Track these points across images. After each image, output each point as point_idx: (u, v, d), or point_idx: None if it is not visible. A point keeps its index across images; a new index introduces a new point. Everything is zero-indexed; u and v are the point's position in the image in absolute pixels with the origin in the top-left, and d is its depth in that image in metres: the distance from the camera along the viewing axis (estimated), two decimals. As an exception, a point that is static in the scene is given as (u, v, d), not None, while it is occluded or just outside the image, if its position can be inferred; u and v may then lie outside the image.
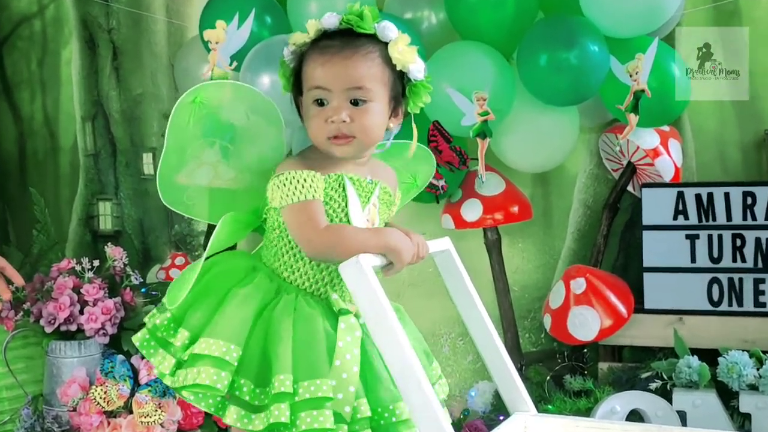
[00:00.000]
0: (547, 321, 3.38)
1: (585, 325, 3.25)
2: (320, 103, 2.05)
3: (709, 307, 3.23)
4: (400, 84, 2.13)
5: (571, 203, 3.72)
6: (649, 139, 3.32)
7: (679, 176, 3.39)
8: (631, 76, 3.14)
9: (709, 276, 3.24)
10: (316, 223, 2.01)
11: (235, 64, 3.22)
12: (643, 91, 3.13)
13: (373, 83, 2.05)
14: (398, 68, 2.09)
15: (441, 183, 3.31)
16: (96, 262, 3.39)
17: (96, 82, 4.25)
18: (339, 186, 2.08)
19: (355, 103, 2.05)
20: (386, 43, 2.08)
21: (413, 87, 2.13)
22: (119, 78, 4.22)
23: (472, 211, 3.40)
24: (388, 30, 2.08)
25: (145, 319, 2.12)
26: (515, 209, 3.43)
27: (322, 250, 2.01)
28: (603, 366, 3.35)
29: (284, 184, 2.03)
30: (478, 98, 3.14)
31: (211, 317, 2.01)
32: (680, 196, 3.29)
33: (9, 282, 2.63)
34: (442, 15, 3.40)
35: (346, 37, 2.06)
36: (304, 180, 2.02)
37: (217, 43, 3.17)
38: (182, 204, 2.12)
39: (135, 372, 3.22)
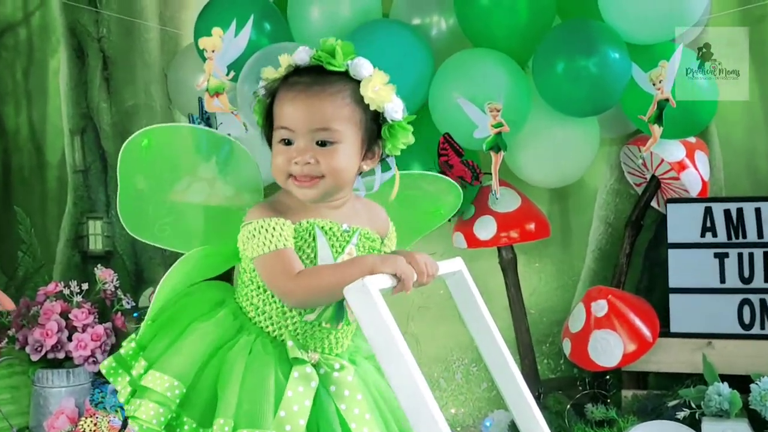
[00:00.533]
0: (567, 346, 3.37)
1: (607, 350, 3.24)
2: (286, 142, 2.06)
3: (740, 331, 3.22)
4: (375, 124, 2.11)
5: (591, 220, 3.72)
6: (674, 151, 3.31)
7: (706, 190, 3.39)
8: (654, 84, 3.13)
9: (739, 297, 3.24)
10: (290, 271, 2.01)
11: (232, 74, 3.21)
12: (667, 100, 3.12)
13: (341, 123, 2.04)
14: (372, 108, 2.07)
15: (452, 199, 3.31)
16: (85, 285, 3.40)
17: (85, 93, 4.26)
18: (309, 235, 2.07)
19: (321, 144, 2.04)
20: (359, 81, 2.07)
21: (390, 128, 2.12)
22: (110, 89, 4.23)
23: (485, 228, 3.39)
24: (361, 67, 2.06)
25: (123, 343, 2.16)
26: (532, 227, 3.42)
27: (303, 298, 2.02)
28: (627, 394, 3.34)
29: (254, 235, 2.03)
30: (491, 109, 3.14)
31: (167, 349, 2.05)
32: (708, 211, 3.28)
33: None
34: (452, 21, 3.40)
35: (316, 74, 2.06)
36: (273, 228, 2.02)
37: (213, 51, 3.17)
38: (153, 235, 2.14)
39: (127, 402, 3.21)
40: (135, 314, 3.52)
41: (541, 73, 3.22)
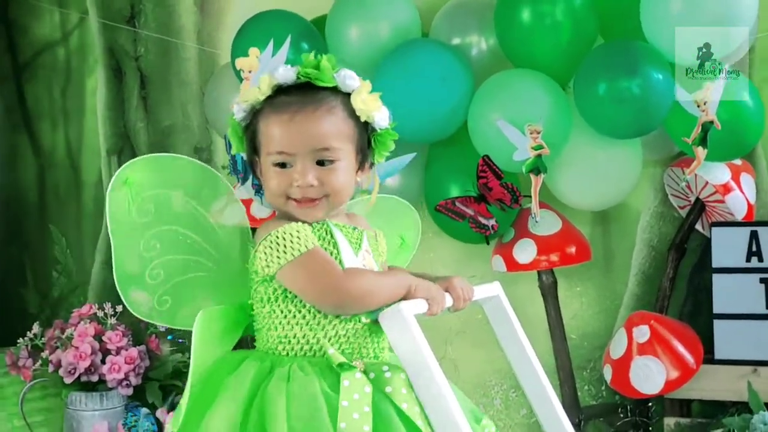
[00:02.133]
0: (608, 372, 3.34)
1: (649, 377, 3.21)
2: (282, 165, 2.01)
3: (787, 358, 3.19)
4: (365, 134, 2.09)
5: (634, 243, 3.69)
6: (719, 173, 3.29)
7: (752, 214, 3.36)
8: (698, 106, 3.11)
9: (786, 324, 3.21)
10: (333, 268, 1.96)
11: (269, 94, 3.22)
12: (711, 122, 3.10)
13: (339, 141, 2.01)
14: (362, 119, 2.05)
15: (491, 222, 3.30)
16: (119, 308, 3.40)
17: (122, 113, 4.28)
18: (327, 233, 2.03)
19: (321, 163, 2.01)
20: (348, 94, 2.04)
21: (378, 136, 2.10)
22: (147, 109, 4.25)
23: (525, 252, 3.38)
24: (349, 79, 2.04)
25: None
26: (572, 250, 3.41)
27: (345, 298, 1.96)
28: (669, 422, 3.31)
29: (277, 243, 1.97)
30: (531, 131, 3.13)
31: (202, 421, 1.94)
32: (754, 235, 3.25)
33: None
34: (492, 41, 3.40)
35: (304, 92, 2.02)
36: (297, 231, 1.98)
37: (250, 72, 3.18)
38: (153, 310, 2.07)
39: (160, 426, 3.23)
40: (169, 337, 3.53)
41: (583, 95, 3.21)
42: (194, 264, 2.10)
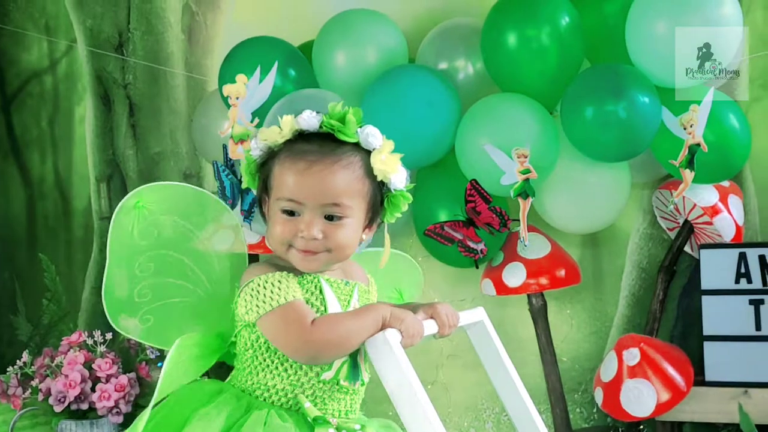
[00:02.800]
0: (599, 395, 3.34)
1: (640, 399, 3.21)
2: (290, 213, 1.99)
3: (777, 379, 3.19)
4: (380, 193, 2.07)
5: (624, 266, 3.70)
6: (707, 195, 3.30)
7: (740, 236, 3.36)
8: (685, 128, 3.13)
9: (776, 345, 3.21)
10: (304, 320, 1.92)
11: (257, 120, 3.24)
12: (698, 145, 3.11)
13: (351, 198, 1.99)
14: (379, 179, 2.03)
15: (480, 246, 3.30)
16: (109, 335, 3.40)
17: (111, 140, 4.29)
18: (315, 288, 2.01)
19: (329, 217, 1.98)
20: (368, 151, 2.02)
21: (392, 197, 2.08)
22: (136, 136, 4.26)
23: (514, 275, 3.38)
24: (372, 137, 2.01)
25: None
26: (562, 273, 3.41)
27: (320, 348, 1.92)
28: (661, 444, 3.31)
29: (257, 291, 1.95)
30: (518, 155, 3.14)
31: None
32: (742, 257, 3.25)
33: None
34: (479, 65, 3.41)
35: (324, 142, 1.99)
36: (279, 282, 1.95)
37: (237, 98, 3.19)
38: (134, 326, 2.06)
39: (151, 454, 3.21)
40: (159, 364, 3.52)
41: (570, 118, 3.22)
42: (183, 289, 2.09)
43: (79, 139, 4.33)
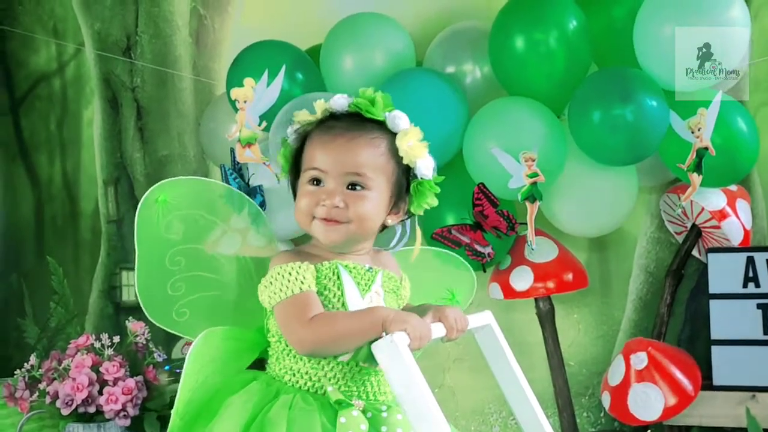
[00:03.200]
0: (606, 399, 3.34)
1: (647, 403, 3.21)
2: (315, 182, 2.05)
3: (785, 384, 3.19)
4: (406, 180, 2.11)
5: (631, 269, 3.69)
6: (715, 199, 3.29)
7: (748, 239, 3.36)
8: (693, 132, 3.12)
9: (784, 349, 3.20)
10: (303, 316, 1.97)
11: (264, 124, 3.23)
12: (706, 148, 3.11)
13: (374, 172, 2.04)
14: (405, 162, 2.08)
15: (487, 250, 3.30)
16: (117, 338, 3.40)
17: (119, 143, 4.29)
18: (333, 274, 2.04)
19: (352, 187, 2.03)
20: (395, 134, 2.07)
21: (419, 185, 2.12)
22: (144, 139, 4.26)
23: (522, 279, 3.38)
24: (399, 120, 2.07)
25: None
26: (569, 277, 3.41)
27: (312, 346, 1.97)
28: (669, 449, 3.31)
29: (271, 282, 2.01)
30: (526, 158, 3.14)
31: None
32: (750, 261, 3.25)
33: None
34: (487, 69, 3.41)
35: (353, 120, 2.07)
36: (289, 273, 2.00)
37: (245, 102, 3.19)
38: (171, 321, 2.11)
39: (158, 458, 3.22)
40: (167, 367, 3.52)
41: (577, 122, 3.22)
42: (216, 282, 2.13)
43: (87, 141, 4.33)
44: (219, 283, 2.14)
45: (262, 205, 3.27)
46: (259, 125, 3.23)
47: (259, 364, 2.19)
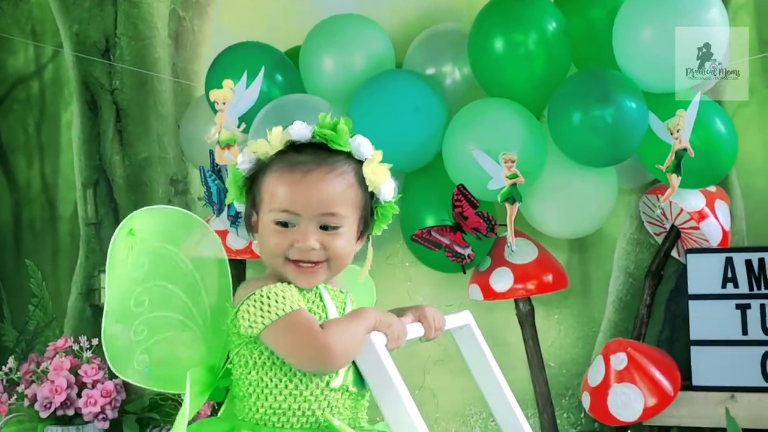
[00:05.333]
0: (586, 399, 3.34)
1: (627, 404, 3.21)
2: (284, 224, 1.96)
3: (764, 384, 3.19)
4: (370, 204, 2.05)
5: (611, 270, 3.70)
6: (694, 200, 3.31)
7: (727, 241, 3.37)
8: (672, 133, 3.13)
9: (763, 349, 3.21)
10: (314, 327, 1.88)
11: (243, 126, 3.23)
12: (685, 150, 3.12)
13: (346, 208, 1.97)
14: (369, 189, 2.02)
15: (467, 251, 3.30)
16: (95, 341, 3.39)
17: (98, 146, 4.28)
18: (316, 297, 1.99)
19: (324, 227, 1.96)
20: (360, 162, 2.01)
21: (381, 208, 2.07)
22: (123, 142, 4.25)
23: (502, 280, 3.38)
24: (364, 147, 2.00)
25: None
26: (549, 278, 3.41)
27: (333, 355, 1.87)
28: (648, 449, 3.32)
29: (261, 302, 1.91)
30: (505, 160, 3.14)
31: None
32: (729, 262, 3.26)
33: None
34: (466, 70, 3.42)
35: (317, 152, 1.97)
36: (282, 291, 1.92)
37: (224, 103, 3.19)
38: (136, 372, 2.00)
39: (137, 460, 3.21)
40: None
41: (557, 123, 3.23)
42: (178, 323, 2.03)
43: (66, 144, 4.32)
44: (176, 321, 2.03)
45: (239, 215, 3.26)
46: (239, 127, 3.23)
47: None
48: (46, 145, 4.36)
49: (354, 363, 1.95)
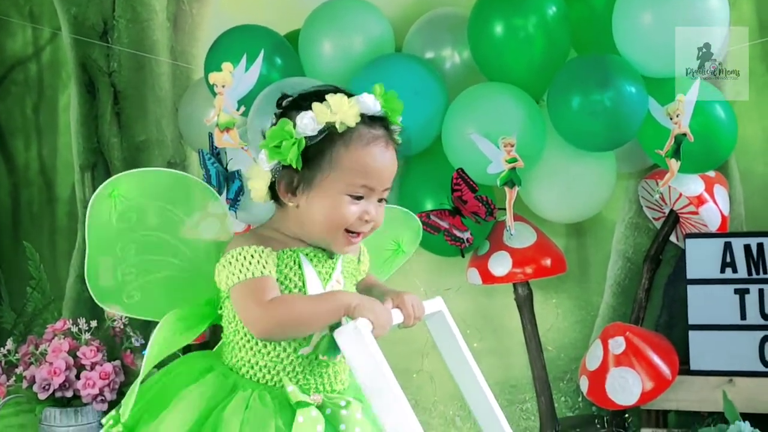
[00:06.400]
0: (584, 383, 3.35)
1: (625, 388, 3.22)
2: (359, 197, 2.01)
3: (762, 368, 3.20)
4: None
5: (609, 255, 3.71)
6: (693, 185, 3.31)
7: (726, 225, 3.38)
8: (671, 118, 3.13)
9: (761, 334, 3.22)
10: (261, 298, 1.95)
11: (242, 108, 3.23)
12: (684, 134, 3.12)
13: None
14: None
15: (466, 235, 3.31)
16: (94, 323, 3.40)
17: (96, 128, 4.28)
18: (294, 263, 2.02)
19: (380, 199, 2.04)
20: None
21: None
22: (121, 124, 4.25)
23: (500, 264, 3.39)
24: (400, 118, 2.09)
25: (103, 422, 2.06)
26: (548, 262, 3.42)
27: (270, 327, 1.95)
28: (646, 433, 3.33)
29: (230, 263, 1.98)
30: (505, 144, 3.15)
31: (154, 423, 1.96)
32: (728, 247, 3.27)
33: None
34: (466, 54, 3.41)
35: (384, 126, 2.04)
36: (251, 256, 1.97)
37: (223, 86, 3.19)
38: (122, 303, 2.08)
39: (135, 442, 3.21)
40: (144, 352, 3.52)
41: (556, 108, 3.23)
42: (167, 264, 2.09)
43: (64, 126, 4.32)
44: (171, 264, 2.09)
45: (241, 189, 3.26)
46: (238, 110, 3.23)
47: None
48: (44, 127, 4.36)
49: (330, 332, 1.97)
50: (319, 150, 2.00)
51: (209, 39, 3.62)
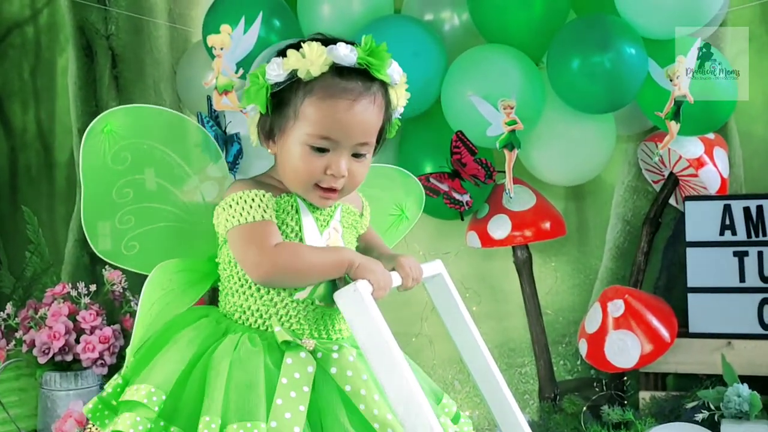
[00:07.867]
0: (583, 346, 3.36)
1: (624, 351, 3.23)
2: (320, 150, 1.96)
3: (760, 331, 3.22)
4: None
5: (609, 218, 3.71)
6: (692, 147, 3.30)
7: (725, 188, 3.38)
8: (671, 80, 3.12)
9: (759, 297, 3.23)
10: (265, 242, 1.93)
11: (241, 71, 3.21)
12: (684, 96, 3.11)
13: (374, 136, 2.00)
14: (390, 111, 2.03)
15: (465, 198, 3.30)
16: (93, 287, 3.39)
17: (94, 92, 4.27)
18: (292, 208, 2.00)
19: (355, 155, 1.98)
20: (385, 85, 2.00)
21: (390, 125, 2.07)
22: (119, 87, 4.23)
23: (499, 227, 3.39)
24: (397, 74, 2.01)
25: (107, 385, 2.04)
26: (547, 225, 3.42)
27: (271, 273, 1.93)
28: (644, 395, 3.33)
29: (230, 206, 1.96)
30: (504, 106, 3.14)
31: (147, 366, 1.95)
32: (727, 209, 3.27)
33: None
34: (465, 16, 3.40)
35: (360, 79, 1.94)
36: (252, 200, 1.95)
37: (221, 49, 3.17)
38: (120, 255, 2.05)
39: (136, 405, 3.21)
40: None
41: (556, 70, 3.21)
42: (167, 213, 2.08)
43: (62, 90, 4.31)
44: (170, 214, 2.08)
45: (240, 152, 3.25)
46: (236, 72, 3.21)
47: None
48: (41, 90, 4.34)
49: (330, 282, 1.98)
50: (285, 97, 1.97)
51: (207, 1, 3.60)
